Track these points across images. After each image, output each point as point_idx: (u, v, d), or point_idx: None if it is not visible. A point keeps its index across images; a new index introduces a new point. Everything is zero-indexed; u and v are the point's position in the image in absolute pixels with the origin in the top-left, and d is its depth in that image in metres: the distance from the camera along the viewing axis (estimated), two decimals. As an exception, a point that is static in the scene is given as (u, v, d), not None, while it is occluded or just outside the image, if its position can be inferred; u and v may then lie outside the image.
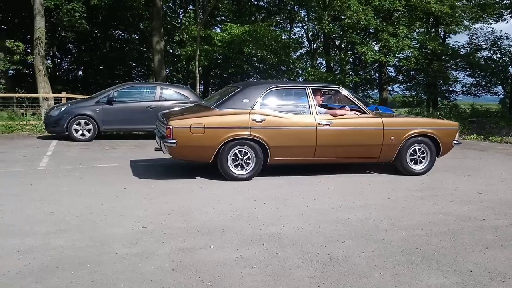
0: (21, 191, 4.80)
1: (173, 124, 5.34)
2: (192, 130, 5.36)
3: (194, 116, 5.57)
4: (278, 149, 5.66)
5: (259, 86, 6.04)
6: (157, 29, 17.96)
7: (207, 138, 5.41)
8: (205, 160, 5.63)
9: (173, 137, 5.30)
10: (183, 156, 5.74)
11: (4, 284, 2.48)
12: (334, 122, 5.83)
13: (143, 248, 3.11)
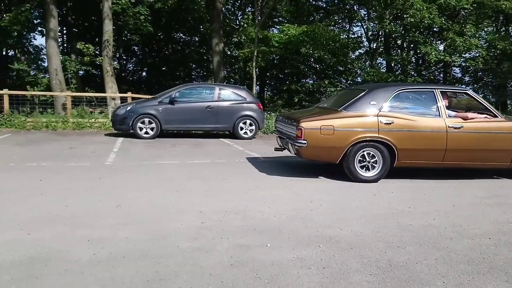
0: (91, 184, 5.14)
1: (304, 126, 5.53)
2: (322, 131, 5.52)
3: (324, 118, 5.70)
4: (406, 152, 5.64)
5: (386, 88, 6.05)
6: (216, 31, 18.39)
7: (336, 140, 5.54)
8: (333, 160, 5.73)
9: (304, 138, 5.51)
10: (312, 156, 5.90)
11: (75, 271, 2.66)
12: (466, 125, 5.71)
13: (202, 243, 3.21)
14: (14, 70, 20.53)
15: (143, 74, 27.93)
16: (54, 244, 3.07)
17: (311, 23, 20.23)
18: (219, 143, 10.16)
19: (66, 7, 20.20)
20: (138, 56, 26.90)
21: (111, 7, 15.25)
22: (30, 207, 4.01)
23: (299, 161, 7.47)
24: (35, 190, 4.70)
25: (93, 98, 15.35)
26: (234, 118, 10.87)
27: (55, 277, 2.55)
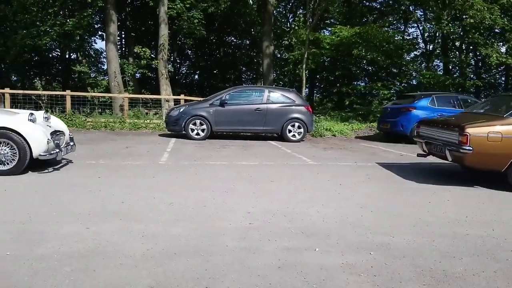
0: (145, 182, 5.35)
1: (470, 132, 5.47)
2: (489, 138, 5.46)
3: (490, 125, 5.61)
4: None
5: None
6: (267, 34, 18.51)
7: (504, 147, 5.44)
8: (498, 168, 5.60)
9: (469, 144, 5.43)
10: (476, 163, 5.77)
11: (130, 265, 2.78)
12: None
13: (250, 243, 3.24)
14: (76, 72, 21.87)
15: (195, 77, 28.69)
16: (110, 238, 3.23)
17: (364, 25, 19.80)
18: (267, 145, 10.20)
19: (125, 12, 21.21)
20: (191, 59, 27.67)
21: (167, 12, 15.79)
22: (89, 203, 4.25)
23: (348, 165, 7.34)
24: (93, 187, 4.96)
25: (148, 100, 15.96)
26: (282, 120, 10.88)
27: (111, 270, 2.68)
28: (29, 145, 5.37)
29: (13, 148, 5.35)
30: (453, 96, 12.44)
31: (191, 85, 26.97)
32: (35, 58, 23.16)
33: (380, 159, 8.29)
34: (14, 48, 18.46)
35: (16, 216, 3.69)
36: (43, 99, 13.54)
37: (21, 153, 5.35)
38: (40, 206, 4.05)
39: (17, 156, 5.35)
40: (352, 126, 14.39)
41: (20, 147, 5.34)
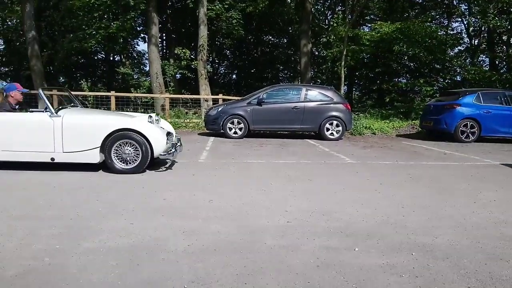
0: (186, 180, 5.48)
1: None
2: None
3: None
4: None
5: None
6: (305, 32, 18.38)
7: None
8: None
9: None
10: None
11: (172, 260, 2.86)
12: None
13: (289, 241, 3.25)
14: (120, 73, 22.65)
15: (233, 77, 28.95)
16: (153, 234, 3.34)
17: (406, 20, 19.21)
18: (305, 143, 10.15)
19: (166, 14, 21.72)
20: (229, 59, 27.95)
21: (206, 13, 16.03)
22: (133, 199, 4.40)
23: (389, 164, 7.18)
24: (137, 183, 5.14)
25: (188, 100, 16.31)
26: (320, 118, 10.79)
27: (154, 265, 2.77)
28: (150, 145, 5.64)
29: (136, 149, 5.63)
30: (500, 93, 11.85)
31: (229, 85, 27.25)
32: (82, 60, 24.20)
33: (423, 158, 8.05)
34: (62, 51, 19.39)
35: (65, 212, 3.89)
36: (89, 100, 14.14)
37: (144, 153, 5.62)
38: (85, 202, 4.25)
39: (140, 156, 5.63)
40: (393, 124, 14.04)
41: (142, 147, 5.61)
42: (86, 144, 5.56)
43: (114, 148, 5.63)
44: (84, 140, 5.56)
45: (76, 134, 5.56)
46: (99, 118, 5.99)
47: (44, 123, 5.55)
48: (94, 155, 5.58)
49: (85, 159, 5.60)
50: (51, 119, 5.55)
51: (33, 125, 5.58)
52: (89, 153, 5.57)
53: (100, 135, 5.56)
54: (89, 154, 5.57)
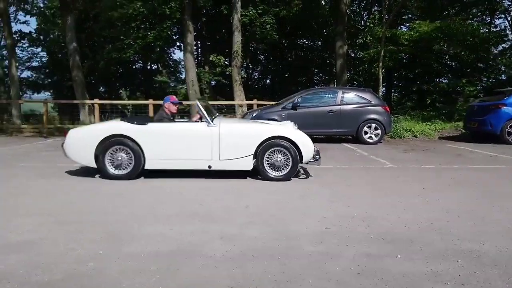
0: (221, 185, 5.51)
1: None
2: None
3: None
4: None
5: None
6: (340, 33, 18.17)
7: None
8: None
9: None
10: None
11: (210, 265, 2.87)
12: None
13: (327, 248, 3.18)
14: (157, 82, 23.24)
15: (267, 82, 29.00)
16: (191, 239, 3.36)
17: (446, 18, 18.58)
18: (342, 147, 9.98)
19: (200, 22, 22.12)
20: (263, 64, 28.03)
21: (240, 19, 16.17)
22: (170, 204, 4.47)
23: (431, 168, 6.92)
24: (174, 189, 5.22)
25: (223, 106, 16.47)
26: (357, 122, 10.57)
27: (193, 270, 2.78)
28: (299, 152, 5.71)
29: (286, 155, 5.71)
30: (548, 91, 11.18)
31: (263, 90, 27.30)
32: (120, 70, 25.02)
33: (467, 161, 7.71)
34: (102, 62, 20.14)
35: (106, 217, 4.00)
36: (128, 108, 14.58)
37: (294, 160, 5.70)
38: (125, 208, 4.34)
39: (290, 163, 5.71)
40: (435, 126, 13.54)
41: (292, 153, 5.67)
42: (241, 152, 5.71)
43: (266, 156, 5.73)
44: (239, 148, 5.71)
45: (232, 142, 5.72)
46: (253, 127, 6.13)
47: (202, 132, 5.74)
48: (248, 162, 5.73)
49: (239, 166, 5.76)
50: (208, 128, 5.73)
51: (192, 134, 5.78)
52: (243, 160, 5.72)
53: (254, 143, 5.70)
54: (243, 162, 5.73)
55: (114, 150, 5.73)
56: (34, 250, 3.12)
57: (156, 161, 5.76)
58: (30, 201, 4.59)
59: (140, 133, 5.71)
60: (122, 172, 5.74)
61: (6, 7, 17.22)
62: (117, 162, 5.73)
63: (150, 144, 5.71)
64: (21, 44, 26.12)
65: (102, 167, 5.73)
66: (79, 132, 6.03)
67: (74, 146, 5.88)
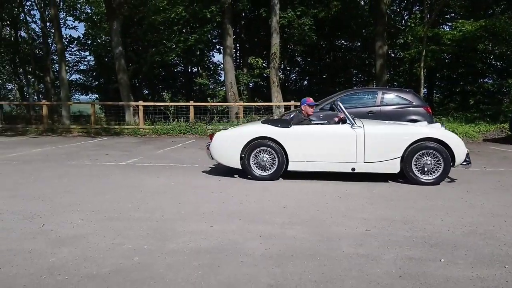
0: (260, 185, 5.56)
1: None
2: None
3: None
4: None
5: None
6: (380, 34, 17.83)
7: None
8: None
9: None
10: None
11: (250, 263, 2.93)
12: None
13: (368, 250, 3.16)
14: (197, 84, 23.70)
15: (304, 83, 28.86)
16: (232, 237, 3.44)
17: (491, 17, 17.79)
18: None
19: (239, 25, 22.36)
20: (300, 66, 27.93)
21: (279, 21, 16.23)
22: (212, 203, 4.58)
23: (475, 171, 6.67)
24: (215, 188, 5.34)
25: (260, 107, 16.57)
26: (399, 123, 10.33)
27: (233, 267, 2.85)
28: (452, 154, 5.47)
29: (436, 157, 5.47)
30: None
31: (300, 91, 27.17)
32: (163, 73, 25.71)
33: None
34: (145, 65, 20.79)
35: (151, 214, 4.16)
36: (170, 110, 14.98)
37: (446, 162, 5.45)
38: (169, 205, 4.49)
39: (441, 166, 5.46)
40: (479, 128, 13.01)
41: (445, 157, 5.43)
42: (388, 154, 5.58)
43: (414, 159, 5.52)
44: (386, 150, 5.58)
45: (378, 144, 5.61)
46: (400, 128, 5.83)
47: (346, 134, 5.71)
48: (395, 165, 5.59)
49: (385, 169, 5.63)
50: (353, 130, 5.70)
51: (336, 136, 5.76)
52: (390, 163, 5.58)
53: (402, 145, 5.54)
54: (389, 164, 5.59)
55: (258, 152, 5.90)
56: (83, 244, 3.30)
57: (299, 163, 5.83)
58: (80, 198, 4.84)
59: (284, 135, 5.83)
60: (266, 173, 5.89)
61: (56, 13, 18.14)
62: (262, 163, 5.90)
63: (294, 146, 5.80)
64: (70, 49, 27.43)
65: (248, 168, 5.92)
66: (225, 135, 6.17)
67: (220, 148, 6.11)
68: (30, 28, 27.04)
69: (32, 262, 2.93)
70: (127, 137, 13.14)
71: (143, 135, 13.46)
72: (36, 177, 6.17)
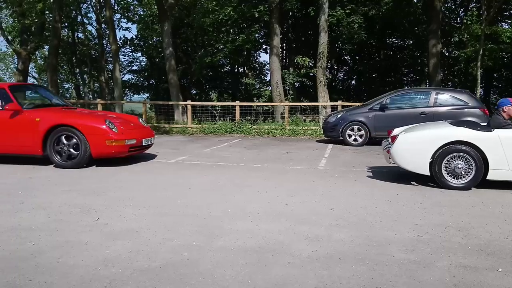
0: (306, 186, 5.53)
1: None
2: None
3: None
4: None
5: None
6: (434, 32, 17.13)
7: None
8: None
9: None
10: None
11: (297, 264, 2.91)
12: None
13: (420, 256, 3.05)
14: (243, 84, 23.94)
15: (352, 82, 28.30)
16: (278, 237, 3.45)
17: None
18: (435, 152, 9.39)
19: (287, 24, 22.31)
20: (348, 65, 27.43)
21: (327, 19, 16.02)
22: (258, 203, 4.60)
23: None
24: (260, 188, 5.36)
25: (306, 107, 16.46)
26: (453, 125, 9.88)
27: (280, 267, 2.85)
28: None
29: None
30: None
31: (347, 91, 26.69)
32: (210, 73, 26.22)
33: None
34: (194, 66, 21.28)
35: (199, 211, 4.25)
36: (217, 109, 15.23)
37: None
38: (216, 203, 4.57)
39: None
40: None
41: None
42: None
43: None
44: None
45: None
46: None
47: None
48: None
49: None
50: None
51: None
52: None
53: None
54: None
55: (451, 158, 5.37)
56: (135, 238, 3.43)
57: (502, 172, 5.24)
58: (134, 194, 5.04)
59: (485, 141, 5.25)
60: (460, 181, 5.36)
61: (111, 15, 18.99)
62: (457, 170, 5.34)
63: (497, 152, 5.21)
64: (123, 50, 28.64)
65: (438, 175, 5.40)
66: (412, 138, 5.71)
67: (405, 152, 5.64)
68: (86, 30, 28.52)
69: (88, 254, 3.08)
70: (176, 135, 13.51)
71: (191, 133, 13.78)
72: (91, 172, 6.49)
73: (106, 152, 6.83)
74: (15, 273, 2.74)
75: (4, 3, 22.13)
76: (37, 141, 6.78)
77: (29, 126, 6.82)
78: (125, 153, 7.06)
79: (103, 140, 6.72)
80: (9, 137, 6.93)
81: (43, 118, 6.84)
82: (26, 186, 5.38)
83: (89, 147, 6.72)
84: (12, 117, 6.89)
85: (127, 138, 6.97)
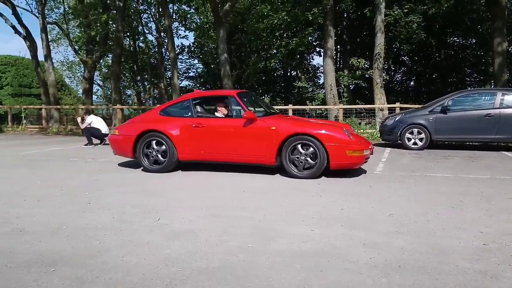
0: (363, 191, 5.40)
1: None
2: None
3: None
4: None
5: None
6: (499, 29, 16.12)
7: None
8: None
9: None
10: None
11: (354, 271, 2.85)
12: None
13: (486, 266, 2.88)
14: (295, 87, 23.88)
15: (410, 84, 27.26)
16: (334, 242, 3.40)
17: None
18: (501, 156, 8.83)
19: (341, 26, 21.99)
20: (407, 65, 26.48)
21: (384, 19, 15.60)
22: (312, 207, 4.57)
23: None
24: (314, 192, 5.31)
25: (362, 110, 16.08)
26: (522, 127, 9.21)
27: (336, 273, 2.81)
28: None
29: None
30: None
31: (406, 92, 25.76)
32: (263, 77, 26.46)
33: None
34: (248, 71, 21.59)
35: (254, 214, 4.30)
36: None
37: None
38: (270, 206, 4.60)
39: None
40: None
41: None
42: None
43: None
44: None
45: None
46: None
47: None
48: None
49: None
50: None
51: None
52: None
53: None
54: None
55: None
56: (194, 239, 3.53)
57: None
58: (191, 195, 5.20)
59: None
60: None
61: (170, 23, 19.75)
62: None
63: None
64: (180, 57, 29.69)
65: None
66: None
67: None
68: (147, 39, 29.91)
69: (149, 253, 3.22)
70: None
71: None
72: (151, 175, 6.78)
73: (345, 163, 6.28)
74: (83, 269, 2.92)
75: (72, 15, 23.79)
76: (273, 150, 6.44)
77: (267, 135, 6.48)
78: (360, 164, 6.52)
79: (343, 150, 6.17)
80: (244, 146, 6.65)
81: (278, 127, 6.46)
82: (92, 188, 5.73)
83: (328, 157, 6.19)
84: (247, 125, 6.62)
85: (364, 148, 6.37)
